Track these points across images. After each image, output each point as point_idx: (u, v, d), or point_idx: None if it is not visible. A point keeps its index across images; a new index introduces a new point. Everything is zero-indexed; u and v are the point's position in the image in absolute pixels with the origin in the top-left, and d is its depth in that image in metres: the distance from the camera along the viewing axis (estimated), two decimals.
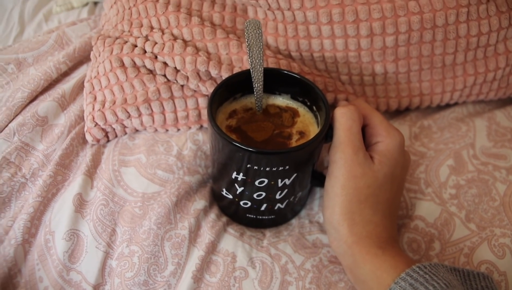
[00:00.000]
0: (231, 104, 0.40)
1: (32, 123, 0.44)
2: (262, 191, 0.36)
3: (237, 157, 0.33)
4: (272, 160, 0.33)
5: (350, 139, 0.33)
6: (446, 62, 0.45)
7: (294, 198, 0.38)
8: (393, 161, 0.34)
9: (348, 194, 0.32)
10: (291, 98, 0.40)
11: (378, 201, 0.33)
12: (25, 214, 0.40)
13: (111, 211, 0.40)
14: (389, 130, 0.35)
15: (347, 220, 0.32)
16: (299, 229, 0.41)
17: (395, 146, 0.34)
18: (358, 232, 0.32)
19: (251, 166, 0.33)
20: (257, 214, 0.39)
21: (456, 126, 0.49)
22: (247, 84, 0.38)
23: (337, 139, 0.34)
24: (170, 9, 0.44)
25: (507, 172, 0.44)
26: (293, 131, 0.37)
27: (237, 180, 0.36)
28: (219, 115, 0.38)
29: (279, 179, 0.35)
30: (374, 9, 0.41)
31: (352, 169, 0.32)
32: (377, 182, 0.33)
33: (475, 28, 0.43)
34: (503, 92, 0.49)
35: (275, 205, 0.38)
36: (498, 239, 0.38)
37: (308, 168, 0.36)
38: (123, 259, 0.38)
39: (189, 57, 0.42)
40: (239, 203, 0.38)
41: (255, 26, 0.37)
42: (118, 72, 0.44)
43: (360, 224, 0.32)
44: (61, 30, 0.56)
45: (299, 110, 0.39)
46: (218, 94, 0.37)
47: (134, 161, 0.44)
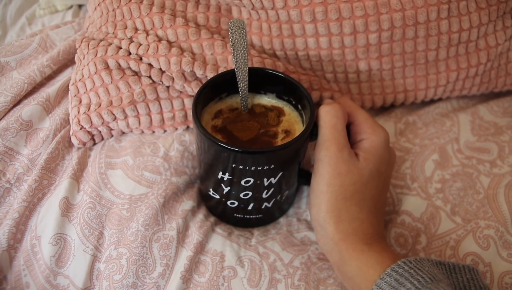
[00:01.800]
0: (216, 104, 0.40)
1: (16, 128, 0.44)
2: (249, 190, 0.36)
3: (222, 157, 0.33)
4: (257, 160, 0.33)
5: (334, 136, 0.33)
6: (429, 58, 0.46)
7: (281, 196, 0.38)
8: (378, 157, 0.34)
9: (334, 191, 0.32)
10: (276, 97, 0.40)
11: (364, 198, 0.33)
12: (10, 220, 0.39)
13: (98, 214, 0.40)
14: (374, 127, 0.35)
15: (333, 217, 0.32)
16: (287, 227, 0.41)
17: (380, 143, 0.35)
18: (345, 229, 0.32)
19: (236, 165, 0.33)
20: (244, 214, 0.39)
21: (441, 121, 0.50)
22: (232, 84, 0.38)
23: (322, 137, 0.34)
24: (154, 10, 0.44)
25: (490, 165, 0.44)
26: (278, 130, 0.37)
27: (223, 180, 0.36)
28: (204, 115, 0.38)
29: (265, 178, 0.35)
30: (356, 7, 0.42)
31: (337, 167, 0.32)
32: (363, 179, 0.33)
33: (456, 24, 0.43)
34: (485, 87, 0.50)
35: (262, 204, 0.38)
36: (482, 231, 0.39)
37: (294, 166, 0.36)
38: (111, 262, 0.38)
39: (174, 58, 0.42)
40: (226, 203, 0.38)
41: (239, 26, 0.37)
42: (103, 74, 0.44)
43: (346, 221, 0.32)
44: (45, 33, 0.55)
45: (285, 109, 0.39)
46: (203, 95, 0.37)
47: (121, 164, 0.43)
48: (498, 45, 0.46)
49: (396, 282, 0.28)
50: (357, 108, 0.37)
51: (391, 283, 0.28)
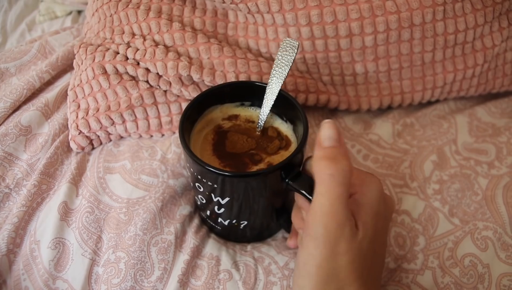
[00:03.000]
0: (236, 107, 0.39)
1: (15, 133, 0.44)
2: (202, 196, 0.36)
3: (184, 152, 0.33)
4: (195, 167, 0.32)
5: (338, 211, 0.26)
6: (425, 60, 0.46)
7: (237, 223, 0.37)
8: (374, 217, 0.28)
9: (324, 275, 0.26)
10: (293, 130, 0.38)
11: (360, 275, 0.27)
12: (9, 224, 0.39)
13: (96, 218, 0.40)
14: (362, 177, 0.29)
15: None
16: (282, 233, 0.41)
17: (373, 196, 0.29)
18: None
19: (189, 166, 0.34)
20: (205, 217, 0.39)
21: (438, 123, 0.50)
22: (256, 95, 0.38)
23: (321, 209, 0.26)
24: (151, 15, 0.45)
25: (488, 166, 0.44)
26: (266, 159, 0.35)
27: (189, 175, 0.37)
28: (214, 111, 0.39)
29: (212, 194, 0.34)
30: (352, 10, 0.42)
31: (335, 248, 0.26)
32: (361, 253, 0.27)
33: (452, 26, 0.44)
34: (483, 88, 0.50)
35: (217, 217, 0.37)
36: (481, 232, 0.39)
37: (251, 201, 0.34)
38: (110, 266, 0.38)
39: (171, 62, 0.42)
40: (195, 196, 0.39)
41: (291, 46, 0.34)
42: (100, 80, 0.44)
43: None
44: (44, 39, 0.56)
45: (292, 146, 0.36)
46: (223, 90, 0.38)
47: (119, 168, 0.44)
48: (494, 46, 0.46)
49: None
50: None
51: None
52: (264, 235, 0.41)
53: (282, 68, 0.35)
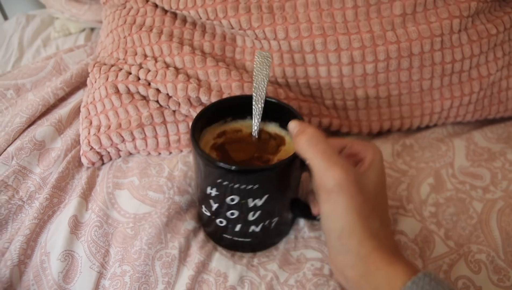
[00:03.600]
0: (220, 126, 0.41)
1: (30, 147, 0.46)
2: (234, 209, 0.36)
3: (209, 170, 0.34)
4: (239, 176, 0.33)
5: (333, 161, 0.32)
6: (424, 87, 0.48)
7: (269, 223, 0.38)
8: (379, 169, 0.35)
9: (353, 213, 0.32)
10: (279, 126, 0.41)
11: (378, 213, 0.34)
12: (21, 236, 0.41)
13: (105, 233, 0.42)
14: (366, 144, 0.36)
15: (356, 236, 0.32)
16: (284, 244, 0.42)
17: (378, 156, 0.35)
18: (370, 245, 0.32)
19: (221, 181, 0.34)
20: (232, 235, 0.40)
21: (437, 146, 0.52)
22: (238, 109, 0.40)
23: (320, 167, 0.32)
24: (163, 38, 0.47)
25: (483, 191, 0.46)
26: (274, 158, 0.38)
27: (211, 196, 0.36)
28: (206, 135, 0.40)
29: (249, 199, 0.35)
30: (354, 39, 0.44)
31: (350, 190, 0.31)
32: (371, 194, 0.34)
33: (449, 56, 0.46)
34: (479, 114, 0.52)
35: (249, 227, 0.38)
36: (474, 255, 0.40)
37: (282, 192, 0.36)
38: (115, 279, 0.39)
39: (181, 84, 0.44)
40: (215, 221, 0.39)
41: (264, 57, 0.38)
42: (113, 98, 0.47)
43: (370, 238, 0.32)
44: (59, 56, 0.58)
45: (286, 139, 0.40)
46: (207, 114, 0.39)
47: (127, 184, 0.45)
48: (490, 75, 0.48)
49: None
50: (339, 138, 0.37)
51: None
52: (286, 230, 0.43)
53: (262, 78, 0.38)
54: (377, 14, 0.44)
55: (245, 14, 0.44)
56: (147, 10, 0.50)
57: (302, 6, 0.45)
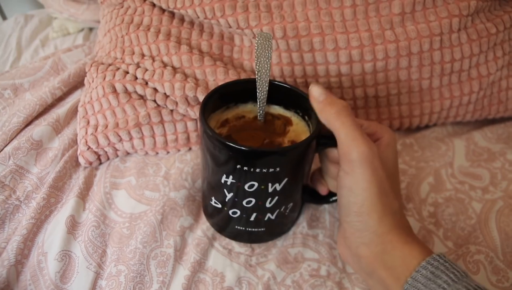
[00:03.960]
0: (223, 112, 0.40)
1: (27, 147, 0.46)
2: (252, 197, 0.35)
3: (227, 157, 0.33)
4: (263, 160, 0.32)
5: (360, 133, 0.32)
6: (423, 86, 0.47)
7: (285, 208, 0.38)
8: (394, 151, 0.36)
9: (374, 187, 0.32)
10: (283, 108, 0.40)
11: (397, 192, 0.35)
12: (18, 236, 0.41)
13: (102, 233, 0.42)
14: (381, 126, 0.37)
15: (377, 212, 0.32)
16: (283, 241, 0.42)
17: (394, 138, 0.36)
18: (388, 223, 0.32)
19: (241, 167, 0.32)
20: (246, 226, 0.38)
21: (436, 146, 0.51)
22: (241, 94, 0.39)
23: (347, 137, 0.32)
24: (160, 37, 0.47)
25: (482, 192, 0.45)
26: (284, 140, 0.37)
27: (226, 185, 0.35)
28: (210, 122, 0.38)
29: (269, 183, 0.34)
30: (352, 38, 0.44)
31: (374, 162, 0.32)
32: (392, 171, 0.35)
33: (448, 55, 0.45)
34: (479, 114, 0.52)
35: (265, 215, 0.37)
36: (473, 256, 0.40)
37: (299, 174, 0.36)
38: (111, 279, 0.39)
39: (178, 83, 0.44)
40: (228, 212, 0.37)
41: (265, 38, 0.37)
42: (110, 98, 0.46)
43: (389, 215, 0.33)
44: (57, 56, 0.58)
45: (292, 119, 0.39)
46: (212, 100, 0.37)
47: (124, 184, 0.45)
48: (490, 75, 0.48)
49: (432, 274, 0.29)
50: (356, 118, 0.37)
51: (426, 275, 0.29)
52: (296, 216, 0.43)
53: (265, 60, 0.37)
54: (375, 13, 0.44)
55: (242, 13, 0.44)
56: (144, 9, 0.49)
57: (300, 4, 0.44)
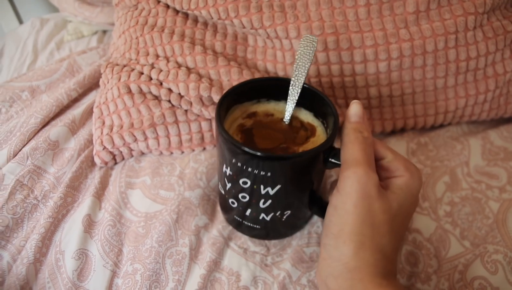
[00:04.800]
0: (252, 105, 0.40)
1: (44, 147, 0.47)
2: (246, 193, 0.35)
3: (226, 148, 0.33)
4: (251, 160, 0.32)
5: (366, 154, 0.30)
6: (438, 85, 0.47)
7: (281, 215, 0.37)
8: (410, 196, 0.31)
9: (361, 214, 0.29)
10: (313, 116, 0.39)
11: (391, 231, 0.30)
12: (36, 234, 0.42)
13: (118, 232, 0.42)
14: (410, 167, 0.32)
15: (355, 242, 0.29)
16: (298, 240, 0.42)
17: (415, 185, 0.31)
18: (365, 258, 0.29)
19: (235, 161, 0.33)
20: (242, 218, 0.39)
21: (451, 145, 0.51)
22: (274, 90, 0.39)
23: (350, 155, 0.30)
24: (174, 38, 0.47)
25: (499, 191, 0.45)
26: (299, 149, 0.36)
27: (226, 175, 0.35)
28: (235, 111, 0.39)
29: (261, 185, 0.34)
30: (367, 37, 0.44)
31: (367, 188, 0.29)
32: (392, 211, 0.30)
33: (463, 53, 0.45)
34: (494, 113, 0.51)
35: (259, 214, 0.37)
36: (491, 256, 0.39)
37: (297, 185, 0.35)
38: (127, 277, 0.39)
39: (193, 83, 0.44)
40: (228, 200, 0.38)
41: (310, 41, 0.36)
42: (125, 98, 0.47)
43: (369, 250, 0.29)
44: (72, 58, 0.59)
45: (317, 129, 0.38)
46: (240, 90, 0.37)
47: (139, 183, 0.46)
48: (506, 73, 0.47)
49: None
50: (386, 145, 0.33)
51: None
52: (300, 224, 0.42)
53: (304, 62, 0.36)
54: (390, 11, 0.44)
55: (256, 13, 0.44)
56: (158, 11, 0.50)
57: (314, 4, 0.44)
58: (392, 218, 0.30)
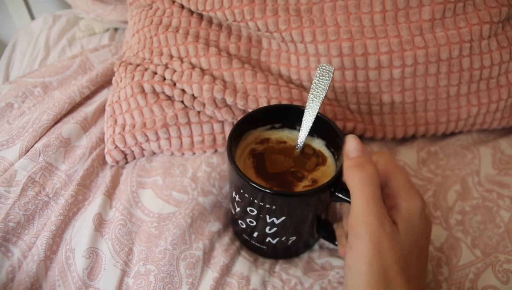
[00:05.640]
0: (266, 131, 0.41)
1: (56, 144, 0.47)
2: (253, 219, 0.37)
3: (234, 177, 0.35)
4: (254, 192, 0.33)
5: (375, 209, 0.29)
6: (451, 93, 0.47)
7: (286, 239, 0.38)
8: (417, 228, 0.31)
9: (375, 272, 0.28)
10: (325, 145, 0.40)
11: (408, 278, 0.29)
12: (47, 232, 0.42)
13: (128, 231, 0.42)
14: (410, 193, 0.31)
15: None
16: (309, 253, 0.42)
17: (416, 211, 0.31)
18: None
19: (243, 192, 0.35)
20: (250, 238, 0.40)
21: (462, 154, 0.51)
22: (289, 117, 0.40)
23: (359, 209, 0.29)
24: (189, 39, 0.47)
25: (510, 200, 0.45)
26: (308, 176, 0.37)
27: (235, 200, 0.37)
28: (249, 137, 0.40)
29: (267, 215, 0.35)
30: (382, 43, 0.44)
31: (380, 243, 0.28)
32: (405, 254, 0.29)
33: (477, 62, 0.45)
34: (506, 121, 0.51)
35: (266, 237, 0.38)
36: (502, 265, 0.39)
37: (301, 218, 0.36)
38: (140, 278, 0.39)
39: (206, 85, 0.45)
40: (238, 221, 0.40)
41: (326, 70, 0.36)
42: (138, 98, 0.47)
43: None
44: (85, 55, 0.59)
45: (328, 160, 0.39)
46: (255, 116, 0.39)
47: (151, 183, 0.46)
48: None
49: None
50: (395, 168, 0.32)
51: None
52: (309, 245, 0.43)
53: (320, 92, 0.37)
54: (405, 18, 0.44)
55: (272, 16, 0.45)
56: (173, 11, 0.50)
57: (330, 9, 0.45)
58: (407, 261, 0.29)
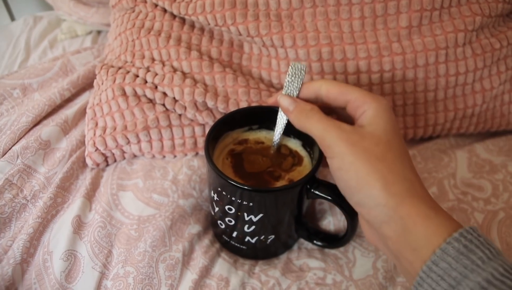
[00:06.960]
0: (244, 132, 0.42)
1: (35, 147, 0.46)
2: (231, 217, 0.37)
3: (212, 176, 0.35)
4: (232, 190, 0.34)
5: (333, 122, 0.31)
6: (428, 98, 0.48)
7: (265, 238, 0.39)
8: (387, 118, 0.31)
9: (361, 155, 0.28)
10: (301, 145, 0.40)
11: (399, 156, 0.29)
12: (24, 235, 0.41)
13: (108, 233, 0.42)
14: (372, 95, 0.31)
15: (378, 179, 0.27)
16: (288, 254, 0.42)
17: (384, 107, 0.31)
18: (398, 192, 0.27)
19: (221, 189, 0.35)
20: (229, 238, 0.41)
21: (439, 157, 0.52)
22: (266, 118, 0.40)
23: (320, 131, 0.31)
24: (171, 43, 0.47)
25: (484, 203, 0.46)
26: (285, 176, 0.38)
27: (214, 200, 0.38)
28: (226, 139, 0.41)
29: (245, 213, 0.36)
30: (360, 49, 0.45)
31: (349, 139, 0.29)
32: (383, 139, 0.29)
33: (453, 68, 0.46)
34: (481, 126, 0.52)
35: (245, 237, 0.39)
36: None
37: (279, 215, 0.37)
38: (118, 280, 0.39)
39: (188, 88, 0.45)
40: (217, 221, 0.40)
41: (298, 69, 0.36)
42: (119, 100, 0.47)
43: (395, 183, 0.27)
44: (66, 58, 0.59)
45: (304, 160, 0.39)
46: (230, 118, 0.39)
47: (131, 186, 0.46)
48: (493, 88, 0.49)
49: (465, 248, 0.24)
50: (346, 85, 0.33)
51: (459, 248, 0.24)
52: (288, 245, 0.43)
53: (293, 91, 0.36)
54: (383, 25, 0.45)
55: (253, 21, 0.45)
56: (156, 15, 0.50)
57: (310, 15, 0.45)
58: (389, 143, 0.29)
